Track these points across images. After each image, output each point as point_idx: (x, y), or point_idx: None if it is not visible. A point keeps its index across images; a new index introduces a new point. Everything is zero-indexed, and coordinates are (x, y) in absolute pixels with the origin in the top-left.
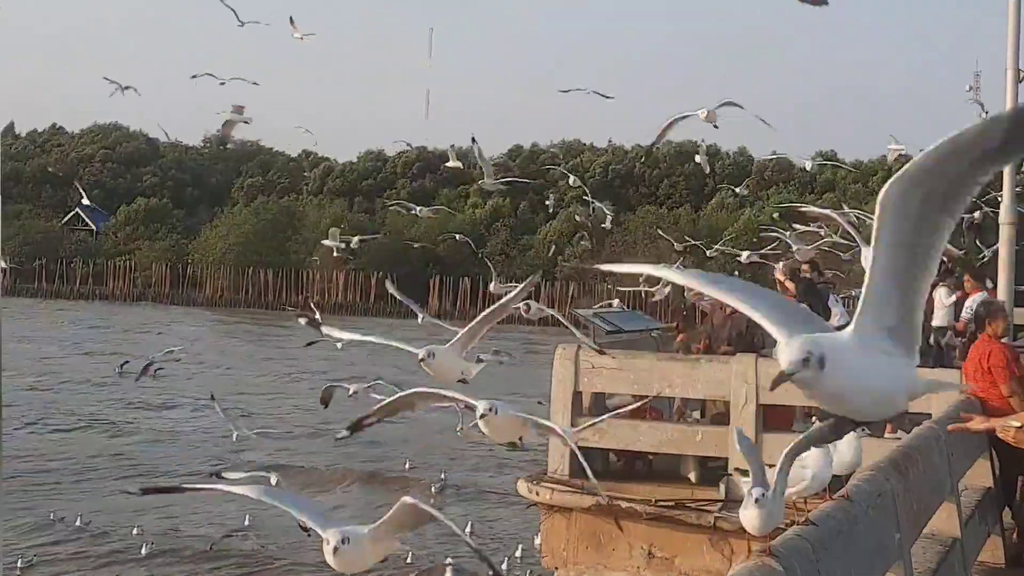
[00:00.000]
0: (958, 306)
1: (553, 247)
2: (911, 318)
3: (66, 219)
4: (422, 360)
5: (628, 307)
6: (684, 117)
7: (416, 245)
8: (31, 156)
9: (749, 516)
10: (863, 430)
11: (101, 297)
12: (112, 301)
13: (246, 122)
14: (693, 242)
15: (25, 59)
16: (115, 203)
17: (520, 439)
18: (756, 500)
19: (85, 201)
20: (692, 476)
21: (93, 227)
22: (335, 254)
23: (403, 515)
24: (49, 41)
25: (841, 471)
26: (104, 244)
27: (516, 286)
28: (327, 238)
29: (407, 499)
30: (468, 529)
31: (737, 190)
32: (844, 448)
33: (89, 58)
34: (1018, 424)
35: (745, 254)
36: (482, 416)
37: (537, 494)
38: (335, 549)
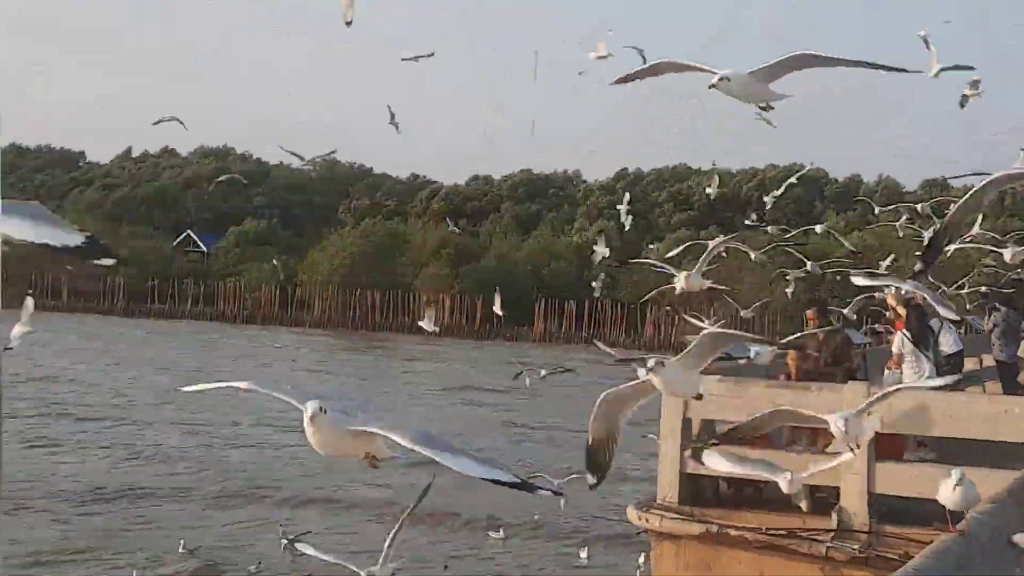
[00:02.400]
0: None
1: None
2: None
3: (177, 240)
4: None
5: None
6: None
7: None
8: (146, 179)
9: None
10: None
11: (211, 318)
12: (222, 321)
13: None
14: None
15: (141, 79)
16: (224, 224)
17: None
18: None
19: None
20: (803, 505)
21: (203, 248)
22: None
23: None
24: (161, 62)
25: (957, 507)
26: (214, 265)
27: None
28: (433, 260)
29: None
30: (584, 554)
31: (818, 229)
32: (959, 486)
33: (201, 79)
34: None
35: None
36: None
37: (647, 521)
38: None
